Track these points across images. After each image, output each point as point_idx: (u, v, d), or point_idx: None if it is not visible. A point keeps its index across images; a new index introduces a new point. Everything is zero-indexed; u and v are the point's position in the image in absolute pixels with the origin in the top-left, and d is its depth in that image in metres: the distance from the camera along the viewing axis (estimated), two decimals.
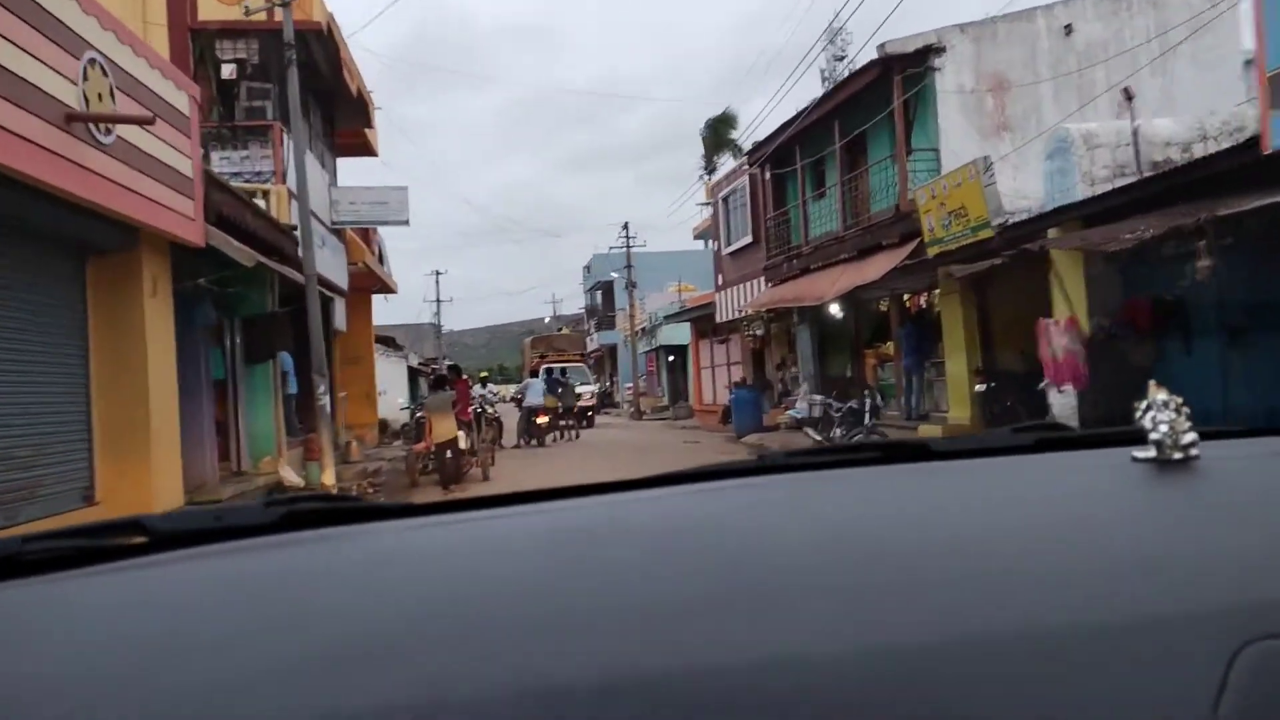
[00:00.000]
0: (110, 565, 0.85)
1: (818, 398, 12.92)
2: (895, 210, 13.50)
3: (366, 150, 20.74)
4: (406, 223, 15.92)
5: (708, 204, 22.54)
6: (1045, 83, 13.67)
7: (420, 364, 37.03)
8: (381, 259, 21.14)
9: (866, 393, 11.87)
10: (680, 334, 31.89)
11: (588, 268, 51.08)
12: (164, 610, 0.76)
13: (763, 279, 19.17)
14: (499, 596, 0.75)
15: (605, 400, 44.08)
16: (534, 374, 23.02)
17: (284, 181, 12.29)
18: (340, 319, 16.23)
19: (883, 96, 13.83)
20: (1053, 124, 13.49)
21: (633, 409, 33.30)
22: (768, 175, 18.38)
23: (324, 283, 14.36)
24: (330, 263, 15.13)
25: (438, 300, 51.58)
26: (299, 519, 0.96)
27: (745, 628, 0.68)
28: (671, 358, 35.43)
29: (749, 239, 19.74)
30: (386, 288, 21.68)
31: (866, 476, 1.11)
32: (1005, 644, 0.67)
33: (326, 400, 9.05)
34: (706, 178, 52.29)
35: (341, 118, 16.63)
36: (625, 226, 34.44)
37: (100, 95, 6.43)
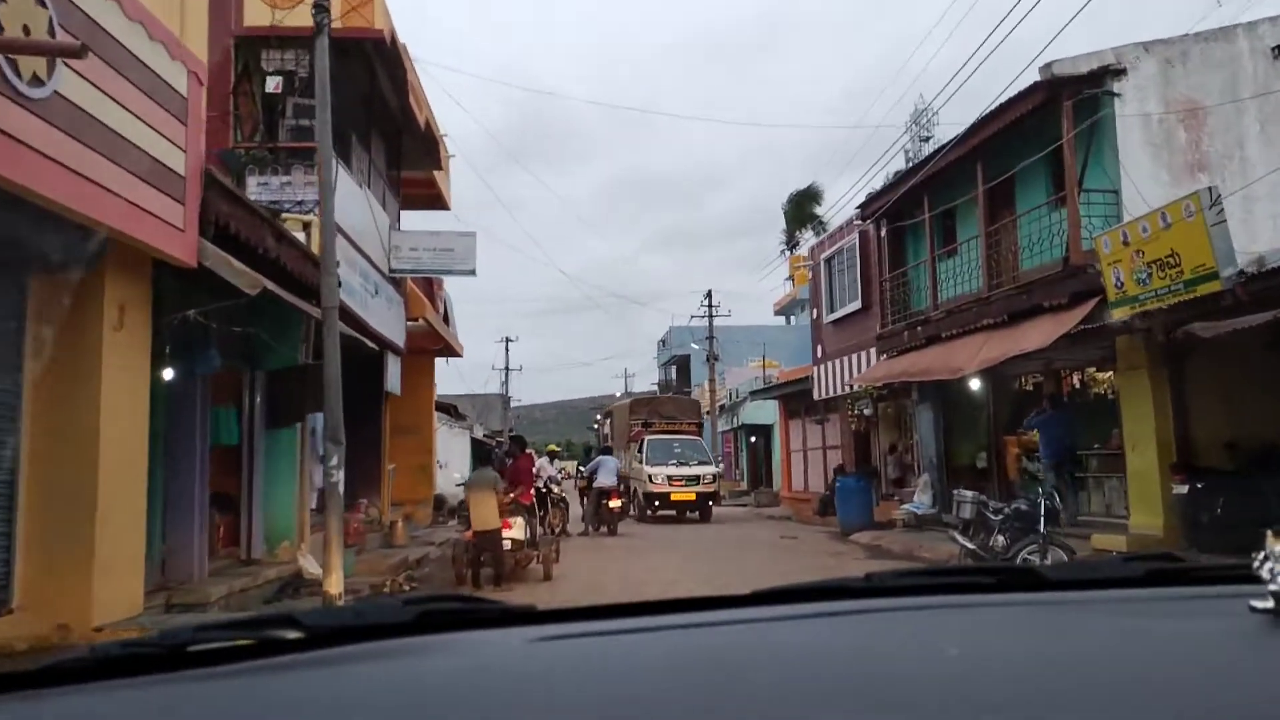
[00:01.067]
0: (269, 661, 0.91)
1: (968, 494, 10.24)
2: (1063, 264, 10.98)
3: (438, 203, 19.14)
4: (473, 272, 13.98)
5: (805, 266, 20.25)
6: (1250, 114, 11.15)
7: (485, 436, 35.12)
8: (447, 319, 19.30)
9: (1040, 492, 9.22)
10: (765, 413, 29.35)
11: (663, 341, 49.05)
12: (322, 711, 0.80)
13: (873, 350, 16.66)
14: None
15: None
16: (608, 451, 20.43)
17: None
18: (393, 380, 14.24)
19: (1041, 129, 11.48)
20: (1261, 163, 10.93)
21: None
22: (883, 231, 16.04)
23: (375, 336, 12.40)
24: (385, 315, 13.22)
25: (506, 369, 49.51)
26: (435, 620, 1.03)
27: None
28: (753, 438, 32.80)
29: (857, 305, 17.32)
30: (451, 350, 19.75)
31: (979, 608, 1.12)
32: None
33: (339, 476, 6.84)
34: (788, 252, 50.52)
35: (408, 156, 14.94)
36: (708, 295, 32.22)
37: (27, 28, 4.47)
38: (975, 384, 13.56)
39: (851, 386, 16.91)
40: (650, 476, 20.03)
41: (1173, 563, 1.20)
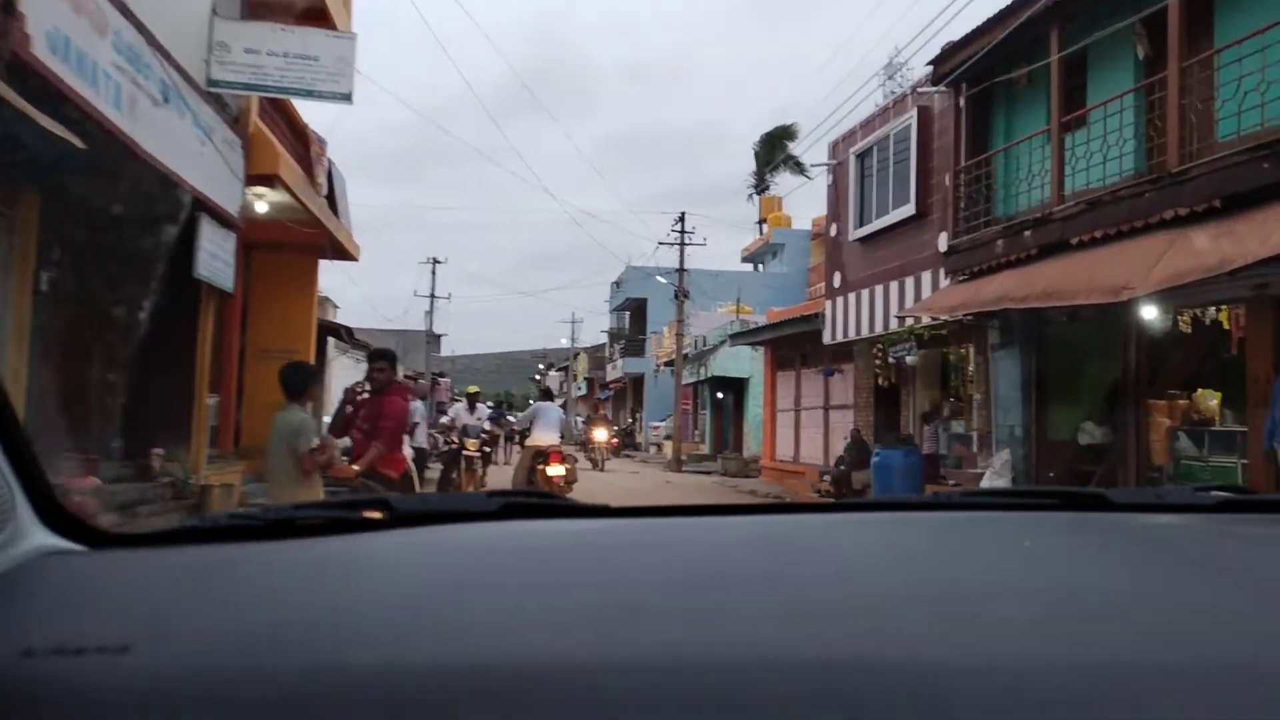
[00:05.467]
0: (362, 533, 1.02)
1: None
2: None
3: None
4: (348, 98, 8.79)
5: (824, 165, 15.31)
6: None
7: (406, 377, 29.79)
8: (334, 202, 13.96)
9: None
10: (740, 363, 24.65)
11: (617, 283, 43.92)
12: (406, 568, 0.88)
13: (928, 274, 11.94)
14: (707, 582, 0.81)
15: (626, 441, 36.76)
16: (549, 396, 15.24)
17: None
18: (217, 265, 8.99)
19: None
20: None
21: (671, 457, 25.89)
22: (962, 99, 11.20)
23: (147, 162, 7.18)
24: (189, 148, 7.99)
25: (432, 295, 41.89)
26: (516, 510, 1.12)
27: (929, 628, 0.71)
28: (720, 394, 28.09)
29: (908, 210, 12.49)
30: (342, 251, 14.34)
31: (1042, 521, 1.12)
32: (1165, 675, 0.62)
33: None
34: (755, 196, 45.51)
35: None
36: (681, 218, 27.04)
37: None
38: (1154, 310, 8.88)
39: (903, 321, 12.12)
40: None
41: (1247, 495, 1.19)
